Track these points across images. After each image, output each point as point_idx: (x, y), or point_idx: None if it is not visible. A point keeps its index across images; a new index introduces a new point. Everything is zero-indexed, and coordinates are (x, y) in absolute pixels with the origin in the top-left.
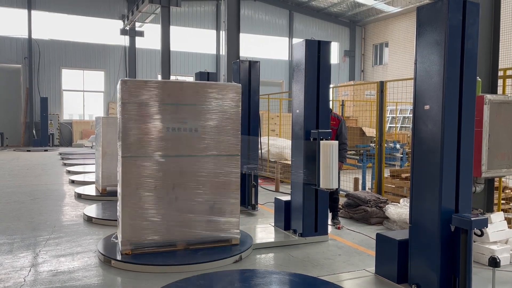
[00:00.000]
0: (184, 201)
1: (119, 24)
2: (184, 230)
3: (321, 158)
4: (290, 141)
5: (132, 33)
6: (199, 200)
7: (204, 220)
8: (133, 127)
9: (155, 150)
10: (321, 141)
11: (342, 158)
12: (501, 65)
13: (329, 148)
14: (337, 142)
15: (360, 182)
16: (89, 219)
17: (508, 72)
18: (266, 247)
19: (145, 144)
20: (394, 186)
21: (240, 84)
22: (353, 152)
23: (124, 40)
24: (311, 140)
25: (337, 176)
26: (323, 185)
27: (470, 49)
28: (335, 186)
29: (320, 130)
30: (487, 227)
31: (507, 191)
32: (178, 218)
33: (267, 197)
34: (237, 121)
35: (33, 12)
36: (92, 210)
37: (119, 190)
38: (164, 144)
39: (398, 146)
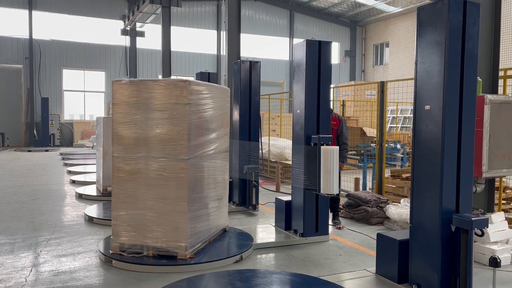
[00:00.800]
0: (210, 198)
1: (119, 24)
2: (210, 225)
3: (321, 164)
4: (291, 141)
5: (133, 34)
6: (216, 195)
7: (217, 213)
8: (194, 128)
9: (202, 150)
10: (321, 147)
11: (343, 158)
12: (502, 65)
13: (329, 154)
14: (337, 147)
15: (361, 182)
16: (90, 219)
17: (509, 72)
18: (266, 247)
19: (198, 145)
20: (394, 186)
21: (229, 88)
22: (354, 152)
23: (125, 41)
24: (312, 145)
25: (337, 181)
26: (323, 190)
27: (470, 49)
28: (335, 192)
29: (320, 136)
30: (487, 227)
31: (507, 191)
32: (210, 215)
33: (267, 197)
34: (228, 119)
35: (34, 12)
36: (93, 210)
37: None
38: (205, 144)
39: (398, 146)
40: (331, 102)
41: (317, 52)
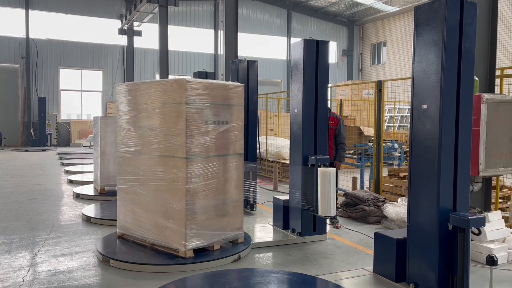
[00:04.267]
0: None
1: (117, 23)
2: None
3: (319, 185)
4: (288, 141)
5: (130, 33)
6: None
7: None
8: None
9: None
10: (319, 168)
11: (340, 158)
12: (498, 64)
13: (327, 176)
14: (334, 169)
15: (358, 181)
16: (87, 219)
17: (506, 72)
18: (264, 246)
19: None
20: (392, 185)
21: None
22: (352, 151)
23: (122, 40)
24: (309, 166)
25: (335, 202)
26: (321, 212)
27: (467, 49)
28: (333, 214)
29: (318, 157)
30: (484, 225)
31: (504, 190)
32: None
33: (265, 196)
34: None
35: (30, 11)
36: (90, 210)
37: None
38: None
39: (396, 145)
40: (329, 102)
41: (315, 51)
